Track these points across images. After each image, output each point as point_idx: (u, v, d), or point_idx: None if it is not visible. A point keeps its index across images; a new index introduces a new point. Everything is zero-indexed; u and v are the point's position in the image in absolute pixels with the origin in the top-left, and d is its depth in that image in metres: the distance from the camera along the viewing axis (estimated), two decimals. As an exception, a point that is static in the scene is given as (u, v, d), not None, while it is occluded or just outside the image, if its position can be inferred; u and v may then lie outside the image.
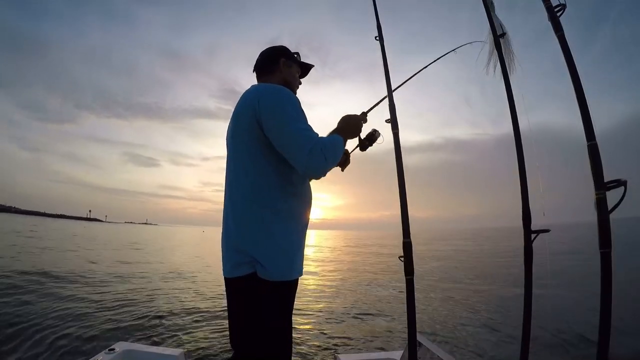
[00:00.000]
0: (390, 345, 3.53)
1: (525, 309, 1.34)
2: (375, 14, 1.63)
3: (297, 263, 1.12)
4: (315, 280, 7.64)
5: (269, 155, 1.09)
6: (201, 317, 4.51)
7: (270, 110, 1.06)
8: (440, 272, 9.41)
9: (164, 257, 12.78)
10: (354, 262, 13.01)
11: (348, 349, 3.48)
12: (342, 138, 1.16)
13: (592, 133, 1.01)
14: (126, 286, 6.50)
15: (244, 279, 1.05)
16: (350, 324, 4.22)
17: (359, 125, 1.30)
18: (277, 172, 1.10)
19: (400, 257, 1.39)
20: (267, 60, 1.29)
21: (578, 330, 3.72)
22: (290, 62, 1.31)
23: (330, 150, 1.05)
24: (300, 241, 1.15)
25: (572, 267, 7.97)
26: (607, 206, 0.96)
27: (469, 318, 4.47)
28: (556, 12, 1.12)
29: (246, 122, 1.10)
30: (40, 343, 3.46)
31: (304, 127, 1.05)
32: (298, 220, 1.14)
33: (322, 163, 1.02)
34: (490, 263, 12.36)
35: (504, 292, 6.13)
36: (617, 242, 0.97)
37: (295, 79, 1.34)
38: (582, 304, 4.76)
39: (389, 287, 7.11)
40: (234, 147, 1.15)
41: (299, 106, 1.11)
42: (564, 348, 3.30)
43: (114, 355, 1.96)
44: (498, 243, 26.59)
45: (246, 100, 1.13)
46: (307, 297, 5.74)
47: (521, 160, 1.36)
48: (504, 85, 1.41)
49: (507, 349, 3.31)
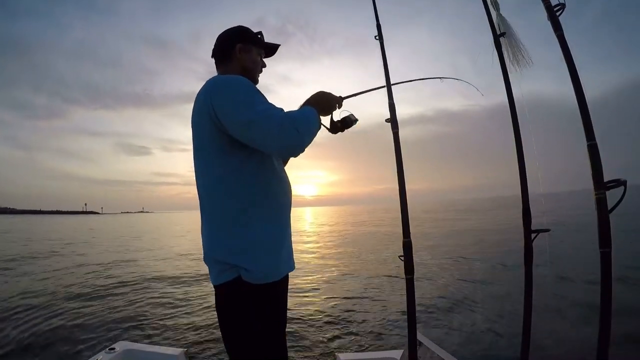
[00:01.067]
0: (390, 344, 3.54)
1: (525, 310, 1.35)
2: (375, 14, 1.63)
3: (282, 260, 1.07)
4: (308, 272, 7.64)
5: (237, 153, 1.02)
6: (201, 317, 4.51)
7: (224, 106, 0.98)
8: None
9: (161, 247, 12.78)
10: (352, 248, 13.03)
11: (348, 348, 3.48)
12: (313, 109, 1.07)
13: (591, 133, 1.01)
14: (126, 287, 6.50)
15: (229, 284, 1.00)
16: (349, 323, 4.22)
17: (332, 103, 1.19)
18: (246, 169, 1.03)
19: (400, 257, 1.39)
20: (222, 47, 1.20)
21: (578, 331, 3.72)
22: (249, 46, 1.19)
23: (302, 122, 0.98)
24: (282, 235, 1.09)
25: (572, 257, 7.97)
26: (607, 206, 0.97)
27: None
28: (555, 11, 1.12)
29: (204, 124, 1.03)
30: (40, 343, 3.46)
31: (264, 108, 0.96)
32: (277, 213, 1.08)
33: (296, 136, 0.95)
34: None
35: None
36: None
37: (256, 63, 1.22)
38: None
39: (388, 284, 7.11)
40: (198, 151, 1.08)
41: (253, 89, 1.03)
42: (564, 347, 3.30)
43: (114, 355, 1.97)
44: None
45: (199, 99, 1.05)
46: (302, 293, 5.74)
47: (521, 161, 1.36)
48: (504, 86, 1.41)
49: (506, 347, 3.31)
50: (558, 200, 45.42)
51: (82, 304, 5.07)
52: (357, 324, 4.19)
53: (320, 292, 5.90)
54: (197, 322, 4.27)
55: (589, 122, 1.02)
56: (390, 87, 1.52)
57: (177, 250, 12.13)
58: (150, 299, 5.49)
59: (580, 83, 1.06)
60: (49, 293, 5.84)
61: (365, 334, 3.85)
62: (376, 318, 4.39)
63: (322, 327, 4.13)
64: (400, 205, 1.42)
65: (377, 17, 1.62)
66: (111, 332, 3.83)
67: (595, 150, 1.00)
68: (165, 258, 10.40)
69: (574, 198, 48.57)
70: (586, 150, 1.01)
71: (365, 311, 4.74)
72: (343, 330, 3.99)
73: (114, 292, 5.96)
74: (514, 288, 5.01)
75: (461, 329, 3.89)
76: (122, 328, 4.01)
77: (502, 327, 3.81)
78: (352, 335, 3.84)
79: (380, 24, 1.61)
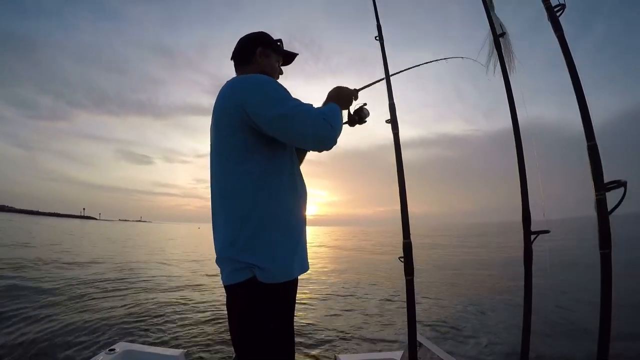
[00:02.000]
0: (390, 345, 3.53)
1: (525, 311, 1.34)
2: (375, 14, 1.63)
3: (297, 260, 1.07)
4: (311, 280, 7.65)
5: (257, 154, 1.03)
6: (202, 317, 4.51)
7: (257, 102, 0.99)
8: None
9: (160, 253, 12.81)
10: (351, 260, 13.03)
11: (348, 349, 3.48)
12: (337, 105, 1.12)
13: (592, 134, 1.01)
14: (126, 288, 6.50)
15: (242, 284, 0.99)
16: (349, 324, 4.22)
17: (350, 96, 1.27)
18: (266, 169, 1.04)
19: (400, 258, 1.39)
20: (243, 49, 1.22)
21: (578, 329, 3.72)
22: (269, 52, 1.22)
23: (332, 117, 1.02)
24: (299, 235, 1.10)
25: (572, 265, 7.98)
26: (607, 207, 0.96)
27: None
28: (556, 12, 1.11)
29: (227, 123, 1.03)
30: (40, 343, 3.46)
31: (296, 104, 0.99)
32: (292, 214, 1.09)
33: (330, 130, 0.99)
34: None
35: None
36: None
37: (274, 69, 1.25)
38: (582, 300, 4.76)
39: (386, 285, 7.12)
40: (217, 150, 1.08)
41: (281, 85, 1.05)
42: (564, 347, 3.29)
43: (114, 356, 1.96)
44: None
45: (224, 98, 1.06)
46: (305, 297, 5.74)
47: (521, 161, 1.36)
48: (504, 86, 1.41)
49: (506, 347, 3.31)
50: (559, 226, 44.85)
51: (82, 305, 5.07)
52: (358, 325, 4.19)
53: (321, 294, 5.89)
54: (197, 323, 4.27)
55: (589, 122, 1.02)
56: (390, 87, 1.51)
57: (177, 256, 12.14)
58: (150, 300, 5.50)
59: (580, 83, 1.05)
60: (49, 293, 5.84)
61: (365, 335, 3.85)
62: (376, 318, 4.39)
63: (322, 327, 4.13)
64: (400, 206, 1.41)
65: (377, 17, 1.62)
66: (111, 333, 3.83)
67: (596, 150, 1.00)
68: (165, 262, 10.40)
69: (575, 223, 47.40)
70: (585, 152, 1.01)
71: (365, 312, 4.74)
72: (343, 331, 3.99)
73: (114, 293, 5.96)
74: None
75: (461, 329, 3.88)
76: (122, 329, 4.00)
77: (502, 329, 3.81)
78: (352, 335, 3.83)
79: (381, 24, 1.61)
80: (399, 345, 3.44)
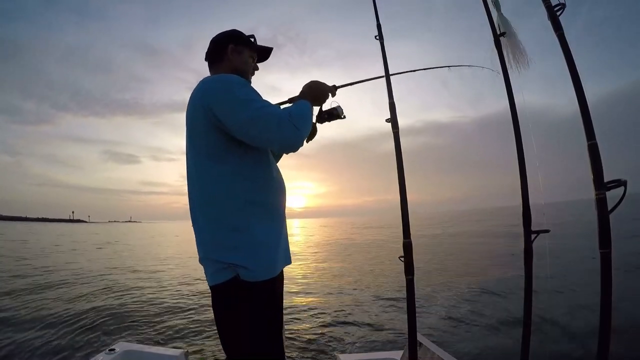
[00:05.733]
0: (390, 345, 3.53)
1: (525, 310, 1.34)
2: (375, 14, 1.63)
3: (279, 255, 1.08)
4: (305, 274, 7.64)
5: (232, 154, 1.03)
6: (202, 317, 4.51)
7: (223, 106, 0.99)
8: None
9: (150, 254, 12.82)
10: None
11: (348, 348, 3.47)
12: (307, 102, 1.10)
13: (592, 132, 1.01)
14: (126, 289, 6.50)
15: (226, 284, 0.99)
16: (349, 324, 4.21)
17: (325, 93, 1.22)
18: (242, 168, 1.04)
19: (400, 257, 1.39)
20: (214, 48, 1.21)
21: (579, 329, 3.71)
22: (241, 48, 1.20)
23: (299, 118, 1.01)
24: (279, 232, 1.09)
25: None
26: (607, 206, 0.96)
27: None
28: (556, 11, 1.11)
29: (200, 123, 1.03)
30: (40, 344, 3.46)
31: (261, 105, 0.99)
32: (273, 211, 1.09)
33: (295, 133, 0.99)
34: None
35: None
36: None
37: (247, 65, 1.22)
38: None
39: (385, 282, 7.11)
40: (193, 152, 1.07)
41: (249, 87, 1.05)
42: (564, 347, 3.29)
43: (114, 356, 1.96)
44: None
45: (194, 100, 1.05)
46: (301, 294, 5.74)
47: (521, 161, 1.36)
48: (504, 86, 1.41)
49: (506, 345, 3.31)
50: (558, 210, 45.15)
51: (82, 305, 5.07)
52: (358, 325, 4.18)
53: (320, 294, 5.89)
54: (196, 323, 4.27)
55: (589, 122, 1.02)
56: (390, 86, 1.52)
57: (171, 255, 12.12)
58: (149, 300, 5.49)
59: (581, 82, 1.05)
60: (49, 294, 5.84)
61: (365, 335, 3.85)
62: (376, 319, 4.39)
63: (323, 328, 4.13)
64: (400, 206, 1.42)
65: (377, 17, 1.62)
66: (111, 333, 3.82)
67: (596, 150, 1.00)
68: (163, 262, 10.40)
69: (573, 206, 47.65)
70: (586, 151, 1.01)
71: (365, 312, 4.73)
72: (343, 331, 3.98)
73: (114, 293, 5.96)
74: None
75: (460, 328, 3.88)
76: (122, 329, 4.00)
77: (503, 328, 3.81)
78: (352, 336, 3.83)
79: (381, 24, 1.61)
80: (399, 345, 3.44)
